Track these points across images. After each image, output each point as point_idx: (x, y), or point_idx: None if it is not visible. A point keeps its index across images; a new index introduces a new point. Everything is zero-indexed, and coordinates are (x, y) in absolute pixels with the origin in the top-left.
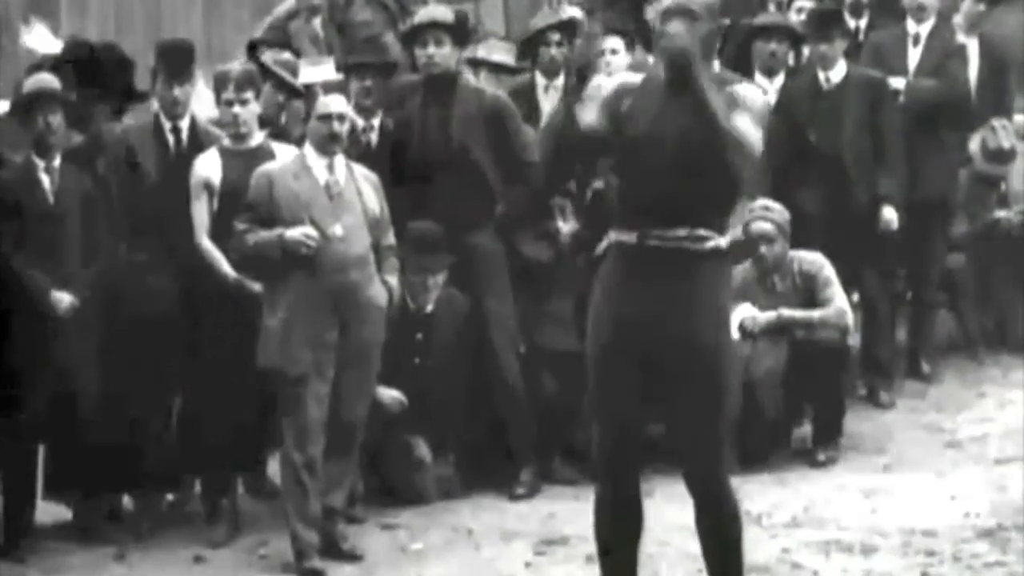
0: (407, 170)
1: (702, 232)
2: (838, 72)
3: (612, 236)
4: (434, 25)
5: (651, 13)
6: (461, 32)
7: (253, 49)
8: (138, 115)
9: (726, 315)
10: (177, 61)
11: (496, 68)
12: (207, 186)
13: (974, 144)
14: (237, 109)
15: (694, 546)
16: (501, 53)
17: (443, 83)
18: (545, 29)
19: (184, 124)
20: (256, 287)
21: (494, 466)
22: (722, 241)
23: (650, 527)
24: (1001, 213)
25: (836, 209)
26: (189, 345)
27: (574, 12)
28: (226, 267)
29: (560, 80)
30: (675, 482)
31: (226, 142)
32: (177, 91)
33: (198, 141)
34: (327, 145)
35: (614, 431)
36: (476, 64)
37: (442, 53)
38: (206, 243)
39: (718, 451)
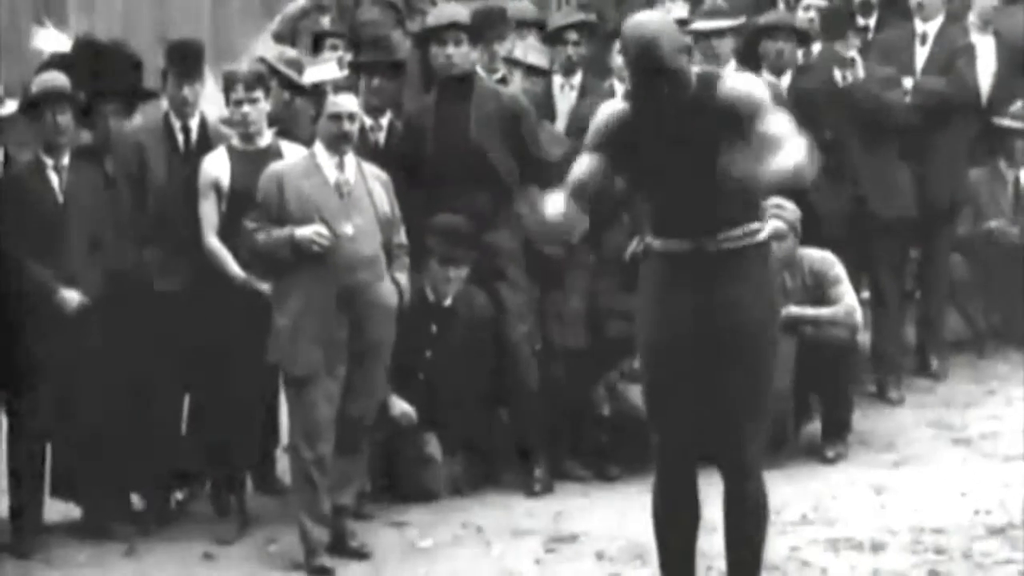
0: (423, 169)
1: (754, 226)
2: (856, 71)
3: (657, 244)
4: (452, 25)
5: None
6: (496, 27)
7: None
8: (147, 114)
9: (779, 304)
10: (187, 60)
11: (530, 70)
12: (215, 186)
13: (1005, 119)
14: (246, 109)
15: (703, 544)
16: (536, 55)
17: (460, 84)
18: (563, 28)
19: (194, 123)
20: (264, 286)
21: (503, 463)
22: (768, 228)
23: None
24: (994, 223)
25: (847, 207)
26: (198, 344)
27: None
28: (234, 266)
29: (577, 79)
30: None
31: (235, 142)
32: (187, 90)
33: (208, 141)
34: (338, 144)
35: (671, 428)
36: (512, 64)
37: (460, 53)
38: (214, 242)
39: (757, 440)
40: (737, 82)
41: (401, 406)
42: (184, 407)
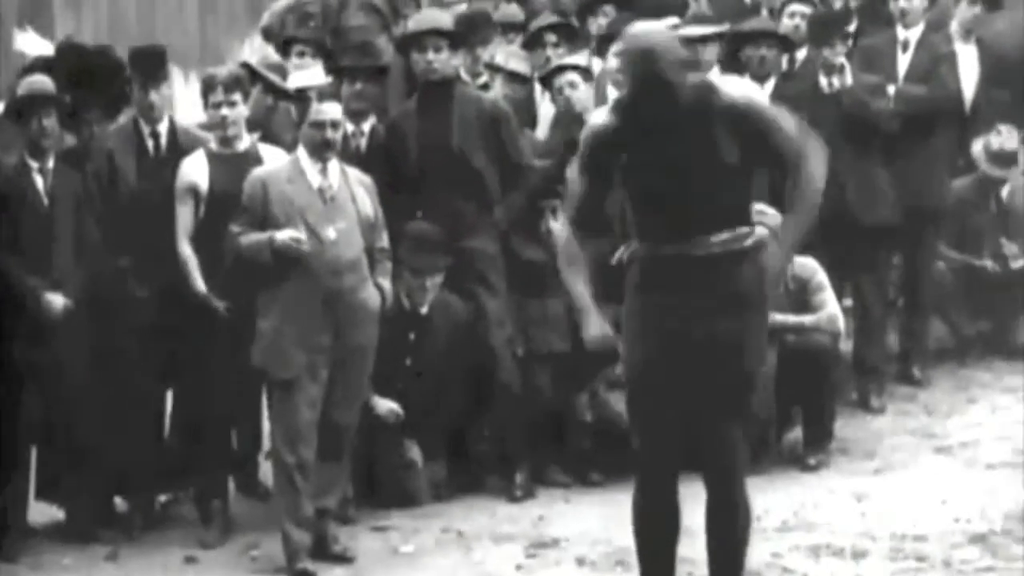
0: (405, 175)
1: (743, 230)
2: (845, 77)
3: (643, 248)
4: (433, 31)
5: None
6: (480, 32)
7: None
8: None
9: (767, 309)
10: (149, 65)
11: (511, 76)
12: (193, 190)
13: (977, 147)
14: (225, 111)
15: (684, 550)
16: (518, 61)
17: (441, 89)
18: (542, 29)
19: (163, 128)
20: (220, 304)
21: (485, 468)
22: (759, 231)
23: None
24: (976, 262)
25: (830, 214)
26: (179, 348)
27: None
28: (198, 279)
29: None
30: None
31: (213, 145)
32: (153, 95)
33: (178, 145)
34: (320, 152)
35: (654, 436)
36: (494, 70)
37: (440, 59)
38: (185, 249)
39: (741, 446)
40: (733, 88)
41: (386, 404)
42: (167, 411)
